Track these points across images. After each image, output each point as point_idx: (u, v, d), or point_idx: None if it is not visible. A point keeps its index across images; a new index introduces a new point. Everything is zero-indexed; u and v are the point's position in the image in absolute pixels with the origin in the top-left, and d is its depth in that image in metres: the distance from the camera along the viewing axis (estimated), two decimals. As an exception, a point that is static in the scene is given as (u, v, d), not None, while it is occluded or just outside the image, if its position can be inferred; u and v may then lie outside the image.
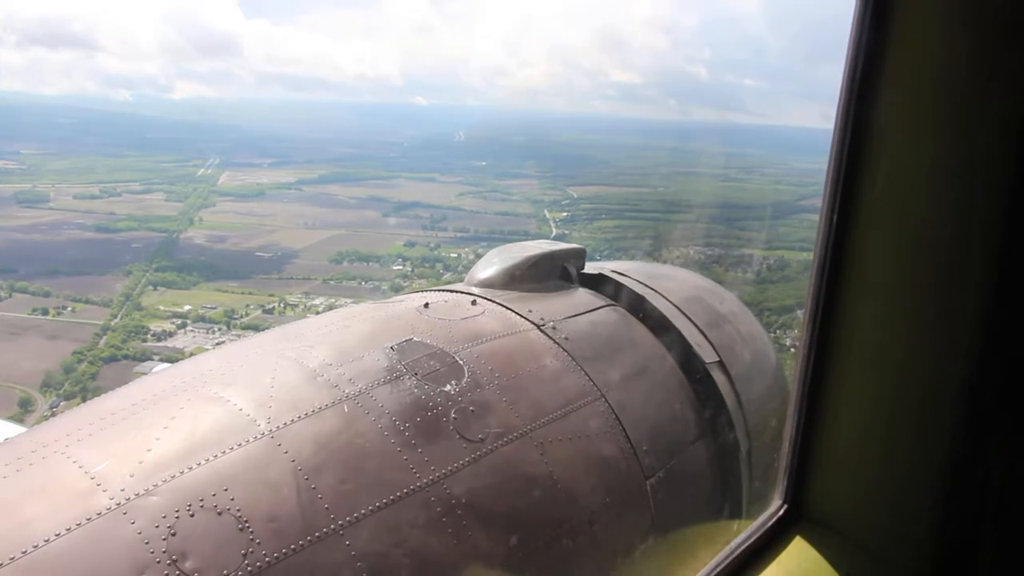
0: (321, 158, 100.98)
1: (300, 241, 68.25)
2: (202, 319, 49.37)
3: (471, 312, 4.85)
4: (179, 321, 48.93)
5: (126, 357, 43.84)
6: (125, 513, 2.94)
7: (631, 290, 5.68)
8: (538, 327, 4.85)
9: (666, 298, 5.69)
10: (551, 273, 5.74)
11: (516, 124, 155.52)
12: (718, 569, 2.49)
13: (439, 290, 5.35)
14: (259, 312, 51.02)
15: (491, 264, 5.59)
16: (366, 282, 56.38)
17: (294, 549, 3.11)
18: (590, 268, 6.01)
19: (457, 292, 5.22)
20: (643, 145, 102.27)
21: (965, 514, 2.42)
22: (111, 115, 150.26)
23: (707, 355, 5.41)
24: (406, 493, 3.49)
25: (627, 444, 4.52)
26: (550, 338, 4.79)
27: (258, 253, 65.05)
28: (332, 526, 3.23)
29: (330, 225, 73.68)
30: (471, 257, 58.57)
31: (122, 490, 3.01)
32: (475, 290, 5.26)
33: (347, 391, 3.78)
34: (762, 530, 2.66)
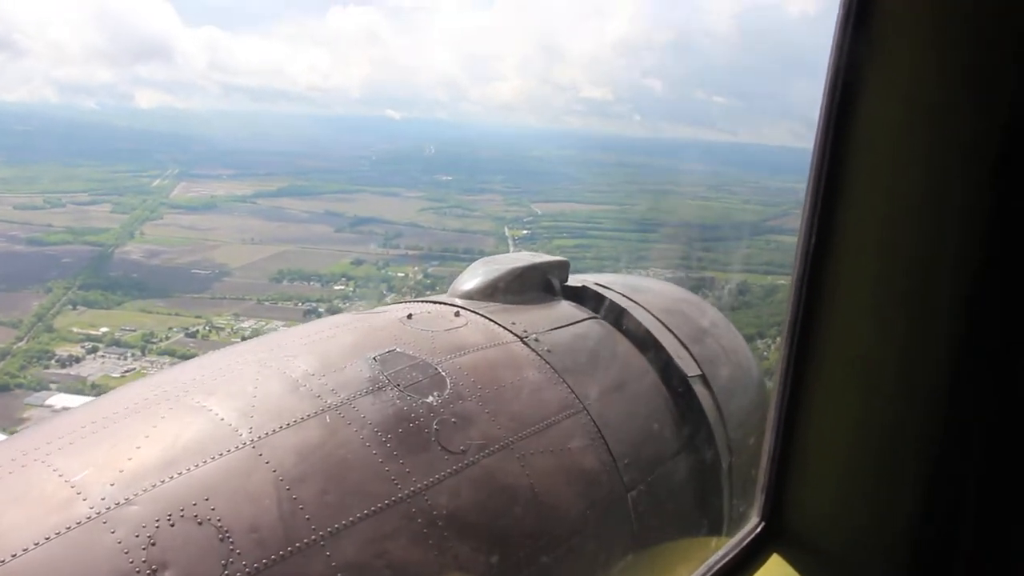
0: (284, 170, 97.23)
1: (242, 258, 64.26)
2: (116, 343, 45.43)
3: (454, 324, 4.83)
4: (90, 345, 44.91)
5: (20, 386, 39.54)
6: (105, 522, 2.92)
7: (614, 303, 5.66)
8: (521, 339, 4.85)
9: (648, 311, 5.68)
10: (534, 285, 5.72)
11: (489, 138, 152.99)
12: None
13: (422, 301, 5.35)
14: (181, 336, 47.28)
15: (475, 275, 5.54)
16: (302, 303, 52.73)
17: (275, 559, 3.08)
18: (573, 280, 6.00)
19: (440, 303, 5.24)
20: (614, 162, 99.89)
21: (942, 532, 2.42)
22: (73, 123, 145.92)
23: (689, 369, 5.39)
24: (388, 504, 3.48)
25: (608, 457, 4.51)
26: (533, 350, 4.78)
27: (194, 270, 61.08)
28: (313, 537, 3.21)
29: (278, 240, 69.87)
30: (419, 277, 55.55)
31: (102, 499, 2.99)
32: (458, 301, 5.27)
33: (329, 401, 3.75)
34: (739, 547, 2.62)
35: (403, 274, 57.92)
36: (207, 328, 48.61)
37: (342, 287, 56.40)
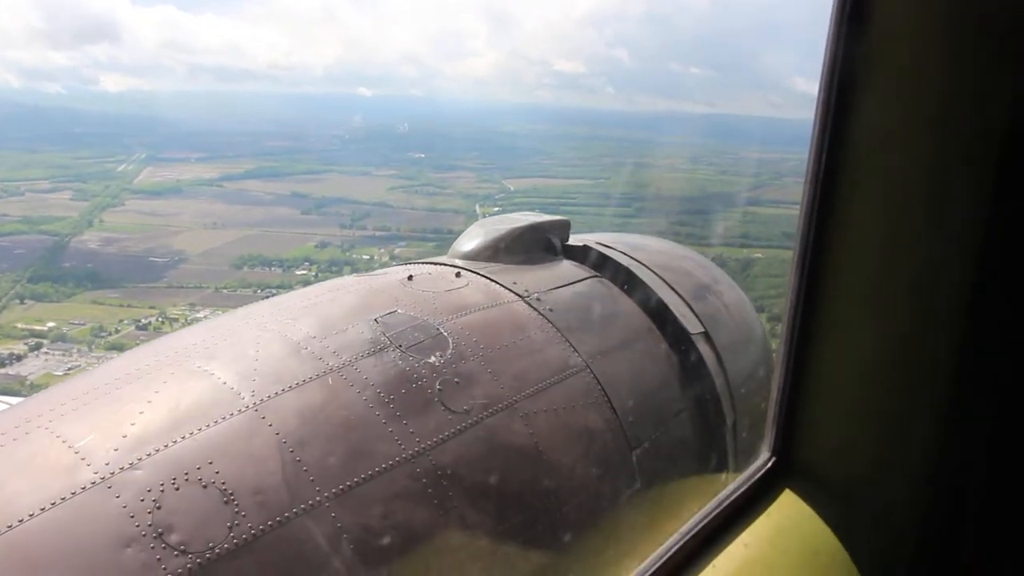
0: (253, 152, 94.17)
1: (203, 244, 61.89)
2: (63, 338, 43.33)
3: (455, 284, 4.86)
4: (34, 342, 42.79)
5: (-46, 389, 37.55)
6: (110, 487, 2.93)
7: (615, 261, 5.62)
8: (522, 299, 4.86)
9: (650, 269, 5.65)
10: (535, 245, 5.68)
11: (462, 115, 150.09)
12: (705, 522, 2.44)
13: (423, 262, 5.33)
14: (132, 328, 45.26)
15: (475, 236, 5.53)
16: (262, 290, 50.68)
17: (279, 521, 3.07)
18: (574, 240, 5.95)
19: (441, 264, 5.22)
20: (588, 135, 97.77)
21: (954, 467, 2.42)
22: (37, 108, 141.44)
23: (692, 326, 5.38)
24: (391, 465, 3.48)
25: (612, 415, 4.53)
26: (534, 309, 4.79)
27: (151, 259, 58.78)
28: (317, 498, 3.21)
29: (241, 224, 67.35)
30: (385, 259, 53.49)
31: (106, 464, 3.00)
32: (459, 262, 5.24)
33: (331, 363, 3.76)
34: (750, 482, 2.62)
35: (368, 256, 55.94)
36: (160, 319, 46.66)
37: (304, 272, 54.38)
